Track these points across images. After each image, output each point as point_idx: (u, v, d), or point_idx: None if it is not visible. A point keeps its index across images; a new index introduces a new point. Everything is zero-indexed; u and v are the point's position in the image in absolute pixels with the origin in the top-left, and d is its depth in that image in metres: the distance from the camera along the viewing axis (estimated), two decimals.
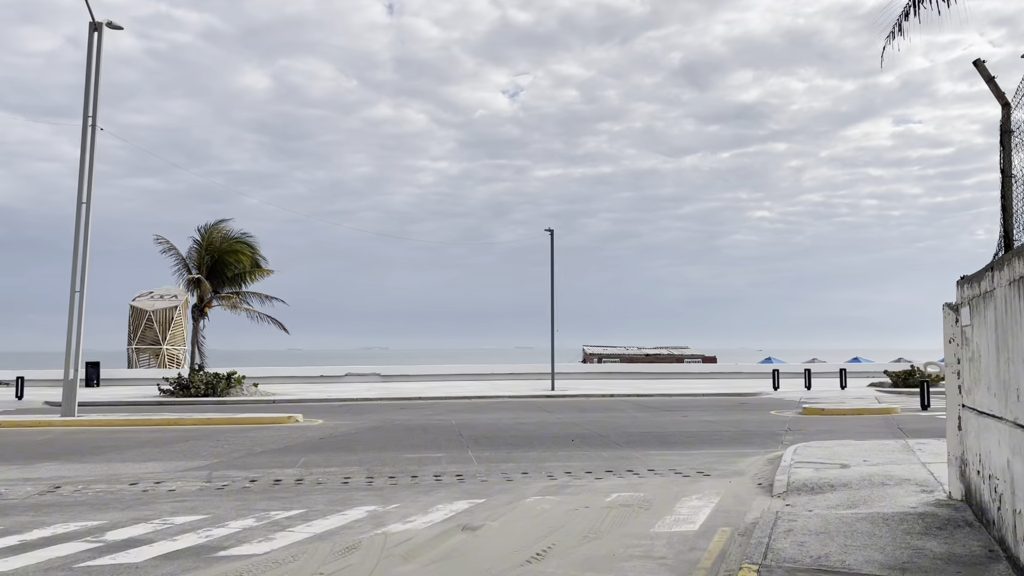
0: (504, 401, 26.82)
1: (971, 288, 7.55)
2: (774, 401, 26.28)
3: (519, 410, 22.84)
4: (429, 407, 24.21)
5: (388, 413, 22.00)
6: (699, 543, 7.29)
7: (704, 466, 12.15)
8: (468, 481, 10.89)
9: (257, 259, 30.79)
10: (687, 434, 16.39)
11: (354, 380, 38.76)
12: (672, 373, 42.78)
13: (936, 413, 20.76)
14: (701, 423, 18.70)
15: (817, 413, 20.70)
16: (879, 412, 20.82)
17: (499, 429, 17.51)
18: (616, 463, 12.50)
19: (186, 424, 18.69)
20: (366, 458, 13.13)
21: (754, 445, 14.64)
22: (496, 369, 42.28)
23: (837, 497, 8.87)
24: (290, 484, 10.74)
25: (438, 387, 33.39)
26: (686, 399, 27.43)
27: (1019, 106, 6.19)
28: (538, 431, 17.09)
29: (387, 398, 27.41)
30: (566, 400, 27.14)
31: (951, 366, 8.48)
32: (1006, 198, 6.34)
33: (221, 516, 8.56)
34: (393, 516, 8.48)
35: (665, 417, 20.41)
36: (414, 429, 17.63)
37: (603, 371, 43.11)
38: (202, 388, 28.19)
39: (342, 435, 16.54)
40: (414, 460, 12.88)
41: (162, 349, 45.49)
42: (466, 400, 27.12)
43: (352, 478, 11.21)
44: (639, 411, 22.39)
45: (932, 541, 6.70)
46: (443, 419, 20.00)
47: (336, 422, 19.38)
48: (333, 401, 26.70)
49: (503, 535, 7.58)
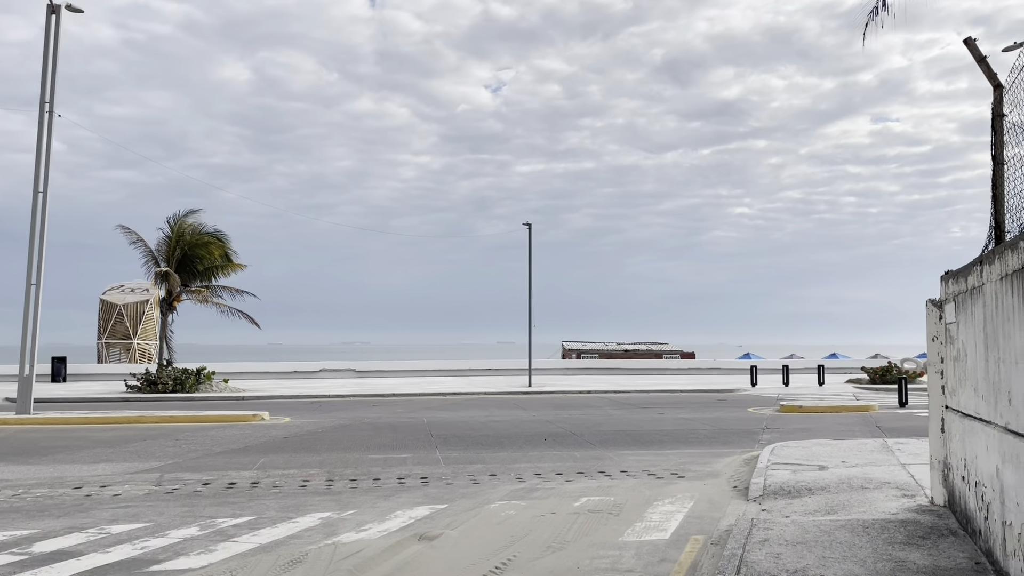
0: (479, 398, 26.35)
1: (957, 284, 7.17)
2: (752, 398, 25.99)
3: (494, 407, 22.37)
4: (402, 404, 23.69)
5: (359, 410, 21.45)
6: (670, 553, 6.86)
7: (679, 467, 11.75)
8: (433, 484, 10.41)
9: (228, 253, 30.10)
10: (662, 433, 15.99)
11: (328, 376, 38.12)
12: (650, 369, 42.51)
13: (914, 411, 20.52)
14: (677, 421, 18.32)
15: (795, 411, 20.40)
16: (857, 410, 20.55)
17: (471, 428, 17.04)
18: (588, 464, 12.07)
19: (147, 422, 18.06)
20: (329, 459, 12.61)
21: (731, 444, 14.27)
22: (474, 365, 41.82)
23: (815, 502, 8.48)
24: (244, 487, 10.20)
25: (414, 383, 32.85)
26: (663, 396, 27.08)
27: (1013, 87, 5.77)
28: (511, 430, 16.64)
29: (360, 395, 26.85)
30: (542, 397, 26.71)
31: (934, 365, 8.10)
32: (997, 187, 5.94)
33: (163, 524, 8.03)
34: (347, 524, 7.99)
35: (641, 415, 20.02)
36: (383, 428, 17.11)
37: (581, 367, 42.75)
38: (170, 384, 27.49)
39: (307, 434, 16.00)
40: (379, 461, 12.37)
41: (133, 344, 44.57)
42: (441, 397, 26.62)
43: (311, 481, 10.69)
44: (615, 408, 21.99)
45: (915, 552, 6.30)
46: (414, 417, 19.50)
47: (303, 420, 18.81)
48: (304, 398, 26.10)
49: (461, 546, 7.10)
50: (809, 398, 25.01)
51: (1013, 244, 5.02)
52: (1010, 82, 5.83)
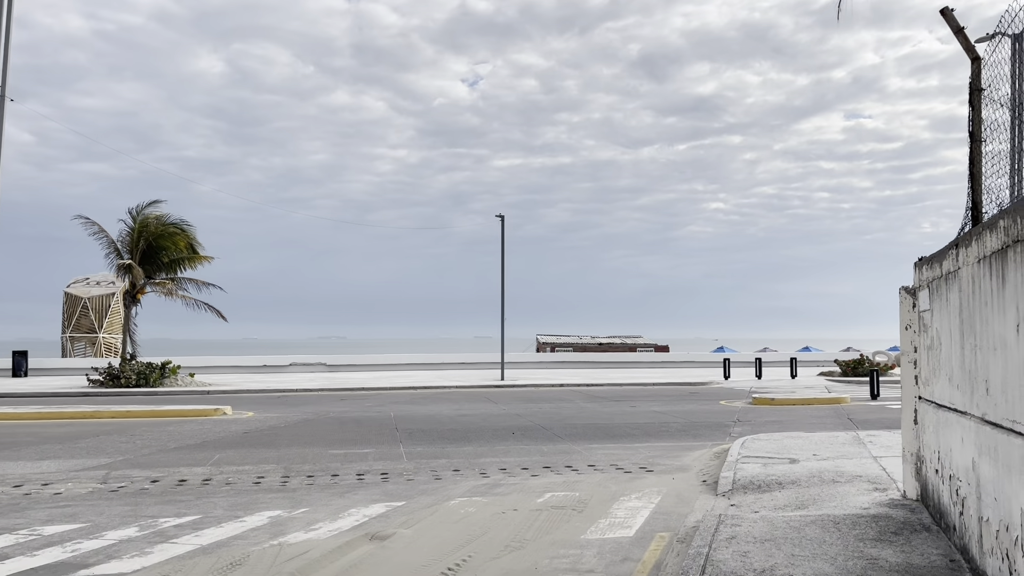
0: (450, 392, 25.96)
1: (931, 269, 6.90)
2: (725, 391, 25.84)
3: (464, 401, 22.00)
4: (370, 398, 23.24)
5: (326, 405, 20.99)
6: (633, 552, 6.54)
7: (648, 461, 11.45)
8: (393, 480, 10.02)
9: (194, 244, 29.41)
10: (633, 426, 15.72)
11: (298, 370, 37.52)
12: (624, 362, 42.33)
13: (886, 403, 20.44)
14: (649, 414, 18.06)
15: (767, 403, 20.24)
16: (829, 402, 20.43)
17: (438, 422, 16.66)
18: (555, 458, 11.74)
19: (103, 417, 17.48)
20: (287, 454, 12.17)
21: (702, 438, 14.01)
22: (448, 359, 41.38)
23: (785, 496, 8.20)
24: (195, 485, 9.76)
25: (385, 377, 32.39)
26: (636, 388, 26.86)
27: (990, 63, 5.48)
28: (479, 423, 16.28)
29: (329, 389, 26.36)
30: (514, 390, 26.38)
31: (907, 355, 7.85)
32: (975, 164, 5.66)
33: (101, 525, 7.58)
34: (297, 523, 7.59)
35: (613, 408, 19.75)
36: (347, 422, 16.68)
37: (555, 360, 42.47)
38: (133, 379, 26.81)
39: (268, 429, 15.53)
40: (339, 457, 11.96)
41: (99, 338, 43.66)
42: (411, 391, 26.20)
43: (266, 477, 10.27)
44: (587, 401, 21.71)
45: (887, 549, 6.03)
46: (382, 411, 19.08)
47: (267, 414, 18.32)
48: (271, 392, 25.57)
49: (414, 546, 6.73)
50: (781, 390, 24.90)
51: (992, 224, 4.74)
52: (989, 52, 5.54)
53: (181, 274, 29.22)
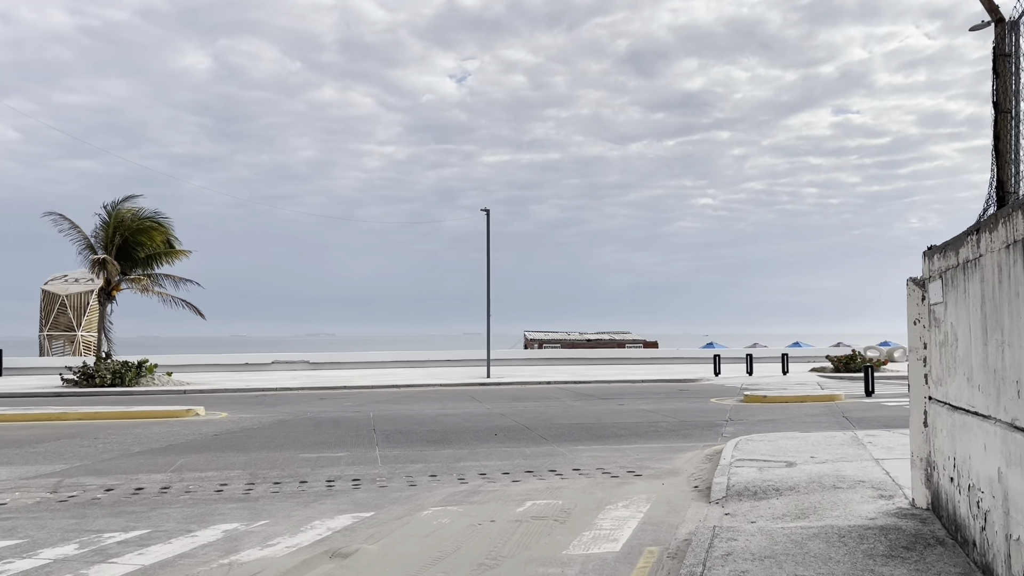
0: (434, 390, 25.32)
1: (944, 259, 6.32)
2: (715, 388, 25.30)
3: (447, 400, 21.37)
4: (351, 397, 22.57)
5: (304, 404, 20.31)
6: (620, 570, 5.93)
7: (636, 464, 10.86)
8: (365, 487, 9.39)
9: (171, 239, 28.63)
10: (621, 426, 15.12)
11: (281, 368, 36.79)
12: (613, 359, 41.78)
13: (881, 400, 19.94)
14: (638, 413, 17.48)
15: (759, 401, 19.70)
16: (823, 399, 19.91)
17: (419, 422, 16.02)
18: (539, 461, 11.12)
19: (70, 419, 16.76)
20: (256, 459, 11.51)
21: (692, 438, 13.43)
22: (435, 356, 40.68)
23: (784, 504, 7.62)
24: (151, 494, 9.09)
25: (369, 375, 31.71)
26: (625, 386, 26.29)
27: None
28: (461, 424, 15.65)
29: (310, 387, 25.67)
30: (500, 388, 25.76)
31: (916, 351, 7.26)
32: (1000, 139, 5.08)
33: (39, 541, 6.91)
34: (253, 538, 6.94)
35: (600, 406, 19.16)
36: (324, 423, 16.02)
37: (543, 357, 41.87)
38: (108, 378, 26.05)
39: (241, 430, 14.86)
40: (310, 461, 11.31)
41: (77, 336, 42.76)
42: (394, 389, 25.54)
43: (229, 485, 9.61)
44: (574, 399, 21.12)
45: (900, 567, 5.44)
46: (361, 411, 18.42)
47: (241, 415, 17.64)
48: (250, 391, 24.85)
49: (378, 565, 6.10)
50: (773, 387, 24.37)
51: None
52: (1017, 14, 4.94)
53: (157, 270, 28.44)
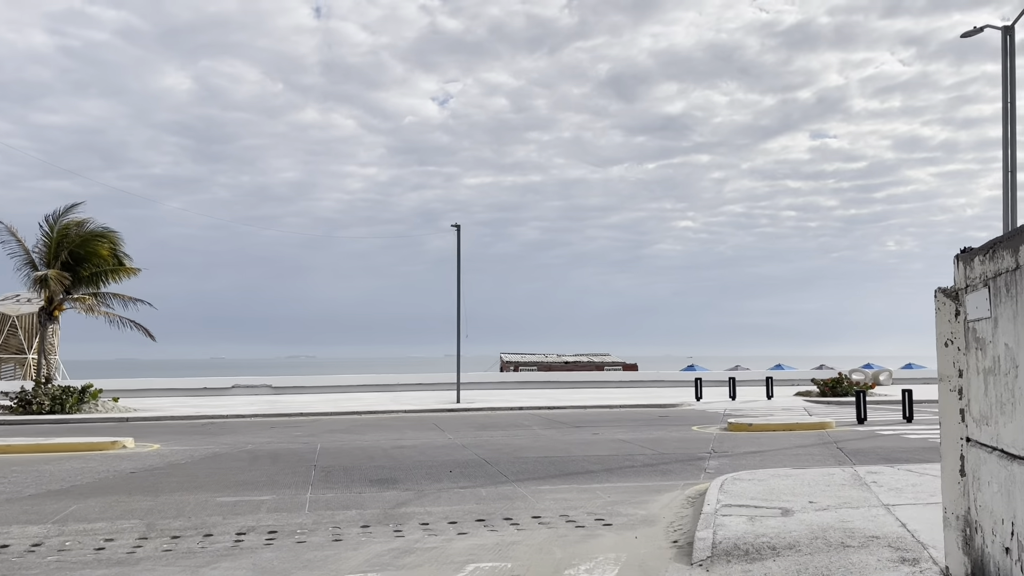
0: (397, 417, 23.65)
1: (990, 261, 4.88)
2: (696, 414, 23.82)
3: (408, 429, 19.72)
4: (305, 426, 20.87)
5: (250, 434, 18.59)
6: None
7: (606, 509, 9.32)
8: (278, 543, 7.77)
9: (120, 256, 26.87)
10: (594, 460, 13.57)
11: (240, 393, 34.93)
12: (591, 382, 40.25)
13: (875, 428, 18.53)
14: (613, 444, 15.93)
15: (744, 429, 18.22)
16: (812, 427, 18.47)
17: (369, 456, 14.39)
18: (494, 507, 9.55)
19: None
20: (164, 504, 9.85)
21: (672, 475, 11.91)
22: (407, 379, 38.90)
23: (783, 569, 6.10)
24: (13, 554, 7.42)
25: (331, 401, 29.96)
26: (601, 412, 24.75)
27: None
28: (415, 458, 14.04)
29: (264, 414, 23.91)
30: (468, 415, 24.13)
31: (947, 380, 5.80)
32: None
33: None
34: None
35: (573, 436, 17.60)
36: (262, 457, 14.35)
37: (518, 380, 40.27)
38: (47, 404, 24.15)
39: (165, 467, 13.16)
40: (226, 507, 9.66)
41: (28, 359, 40.61)
42: (354, 416, 23.84)
43: (116, 540, 7.96)
44: (545, 428, 19.54)
45: None
46: (309, 442, 16.74)
47: (175, 447, 15.92)
48: (198, 419, 23.07)
49: None
50: (759, 414, 22.94)
51: None
52: None
53: (104, 288, 26.63)
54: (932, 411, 23.22)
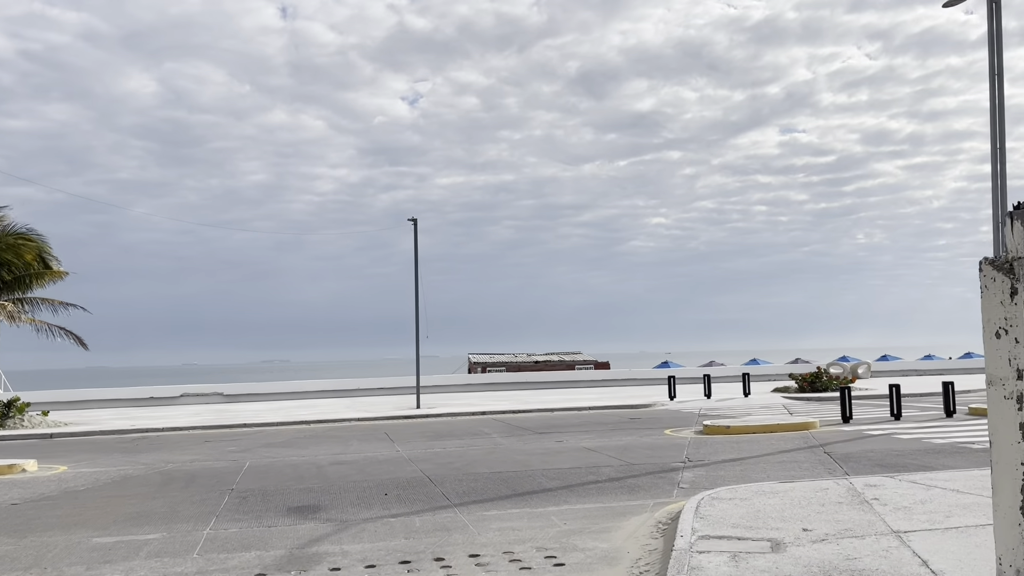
0: (349, 426, 21.91)
1: None
2: (670, 415, 22.34)
3: (356, 440, 18.01)
4: (244, 438, 19.07)
5: (177, 450, 16.78)
6: None
7: (561, 542, 7.72)
8: None
9: (46, 258, 24.86)
10: (553, 474, 11.97)
11: (188, 402, 32.94)
12: (561, 382, 38.71)
13: (862, 427, 17.13)
14: (577, 453, 14.36)
15: (722, 432, 16.73)
16: (795, 428, 17.03)
17: (299, 476, 12.68)
18: (426, 543, 7.91)
19: None
20: (26, 548, 8.10)
21: (640, 491, 10.34)
22: (369, 384, 37.03)
23: None
24: None
25: (282, 410, 28.13)
26: (569, 415, 23.18)
27: None
28: (352, 477, 12.36)
29: (203, 427, 22.05)
30: (425, 423, 22.45)
31: (1000, 384, 4.25)
32: None
33: None
34: None
35: (535, 444, 16.01)
36: (176, 480, 12.59)
37: (486, 382, 38.63)
38: None
39: (55, 496, 11.36)
40: (99, 551, 7.93)
41: None
42: (301, 427, 22.06)
43: None
44: (507, 435, 17.93)
45: None
46: (238, 459, 14.99)
47: (83, 469, 14.10)
48: (130, 432, 21.18)
49: None
50: (736, 413, 21.52)
51: None
52: None
53: (29, 293, 24.59)
54: (918, 406, 21.94)
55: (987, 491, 8.68)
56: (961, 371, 43.11)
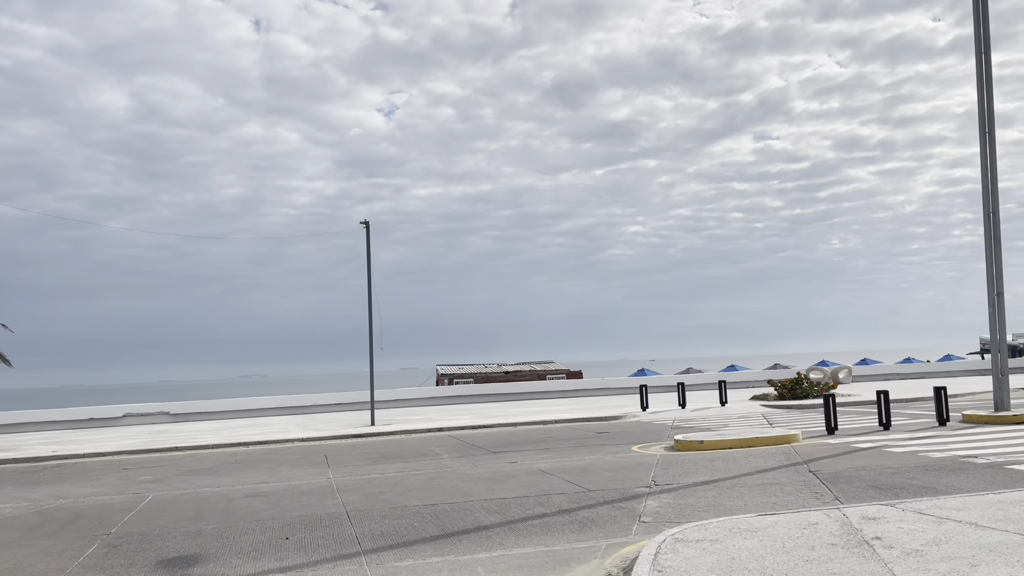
0: (288, 448, 20.02)
1: None
2: (640, 428, 20.66)
3: (287, 465, 16.15)
4: (167, 464, 17.14)
5: (83, 481, 14.84)
6: None
7: None
8: None
9: None
10: (495, 505, 10.21)
11: (132, 422, 30.83)
12: (530, 393, 36.96)
13: (849, 439, 15.51)
14: (529, 478, 12.60)
15: (695, 448, 15.06)
16: (775, 441, 15.39)
17: (198, 514, 10.83)
18: None
19: None
20: None
21: (593, 528, 8.61)
22: (331, 399, 34.93)
23: None
24: None
25: (224, 430, 26.14)
26: (531, 430, 21.43)
27: None
28: (259, 514, 10.53)
29: (130, 451, 20.06)
30: (374, 442, 20.61)
31: None
32: None
33: None
34: None
35: (485, 467, 14.24)
36: (49, 523, 10.66)
37: (451, 395, 36.79)
38: None
39: None
40: None
41: None
42: (238, 449, 20.14)
43: None
44: (458, 456, 16.14)
45: None
46: (140, 492, 13.10)
47: None
48: (45, 460, 19.16)
49: None
50: (712, 424, 19.90)
51: None
52: None
53: None
54: (907, 413, 20.42)
55: (1012, 524, 7.01)
56: (943, 374, 41.90)
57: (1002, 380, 17.55)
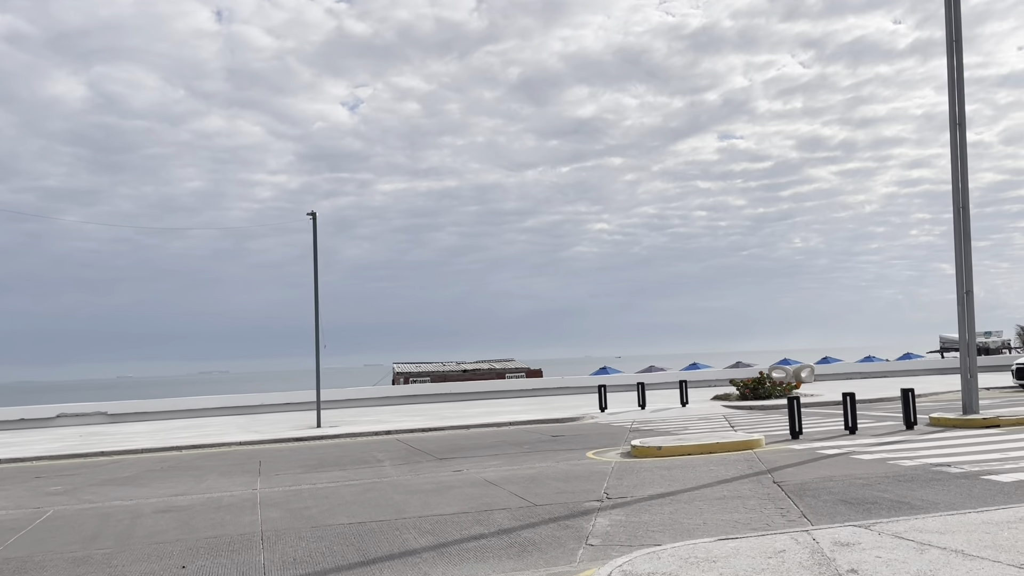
0: (223, 453, 18.76)
1: None
2: (598, 430, 19.75)
3: (214, 474, 14.94)
4: (84, 472, 15.81)
5: None
6: None
7: None
8: None
9: None
10: (429, 524, 9.17)
11: (64, 423, 29.21)
12: (488, 392, 35.94)
13: (815, 444, 14.73)
14: (472, 489, 11.58)
15: (652, 454, 14.17)
16: (737, 447, 14.55)
17: (91, 536, 9.64)
18: None
19: None
20: None
21: (533, 551, 7.61)
22: (275, 399, 33.37)
23: None
24: None
25: (159, 432, 24.74)
26: (484, 433, 20.42)
27: None
28: (162, 535, 9.38)
29: (52, 456, 18.66)
30: (316, 446, 19.44)
31: None
32: None
33: None
34: None
35: (427, 475, 13.19)
36: None
37: (405, 395, 35.62)
38: None
39: None
40: None
41: None
42: (170, 453, 18.84)
43: None
44: (400, 463, 15.07)
45: None
46: (42, 506, 11.82)
47: None
48: None
49: None
50: (672, 427, 19.07)
51: None
52: None
53: None
54: (872, 415, 19.78)
55: (1004, 553, 6.13)
56: (904, 373, 41.73)
57: (971, 381, 16.92)
